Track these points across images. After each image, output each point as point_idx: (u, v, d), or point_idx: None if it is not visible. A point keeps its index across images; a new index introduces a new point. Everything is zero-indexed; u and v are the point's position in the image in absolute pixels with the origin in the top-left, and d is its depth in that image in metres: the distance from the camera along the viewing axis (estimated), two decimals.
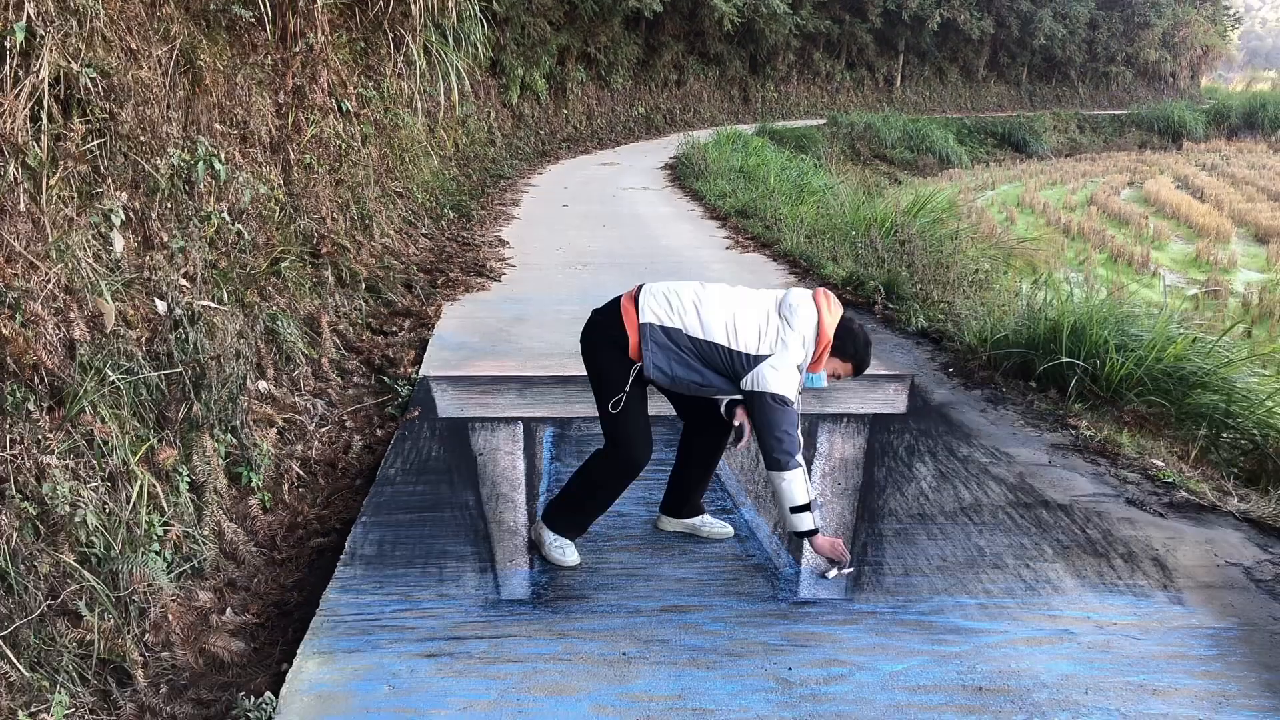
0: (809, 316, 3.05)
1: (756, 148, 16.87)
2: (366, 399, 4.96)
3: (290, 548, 3.54)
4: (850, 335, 3.10)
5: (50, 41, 3.38)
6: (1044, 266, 12.35)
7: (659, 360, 3.05)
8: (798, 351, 3.02)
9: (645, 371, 3.08)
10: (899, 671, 2.69)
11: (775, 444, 2.97)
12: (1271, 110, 39.55)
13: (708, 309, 3.06)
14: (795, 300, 3.09)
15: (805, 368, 3.07)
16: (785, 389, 2.98)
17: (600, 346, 3.17)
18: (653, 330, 3.05)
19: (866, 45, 34.10)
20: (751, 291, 3.19)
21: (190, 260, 4.18)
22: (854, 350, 3.11)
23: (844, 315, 3.12)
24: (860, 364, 3.17)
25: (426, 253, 8.30)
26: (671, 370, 3.07)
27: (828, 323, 3.05)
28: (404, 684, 2.60)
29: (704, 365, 3.05)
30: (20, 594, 2.55)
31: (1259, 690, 2.64)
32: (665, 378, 3.09)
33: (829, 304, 3.11)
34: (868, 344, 3.16)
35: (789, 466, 2.98)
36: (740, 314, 3.05)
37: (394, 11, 7.88)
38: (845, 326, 3.09)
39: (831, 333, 3.05)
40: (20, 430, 2.77)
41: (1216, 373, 5.02)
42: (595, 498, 3.28)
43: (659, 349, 3.05)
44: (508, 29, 17.34)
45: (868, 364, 3.20)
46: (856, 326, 3.14)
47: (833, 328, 3.06)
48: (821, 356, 3.07)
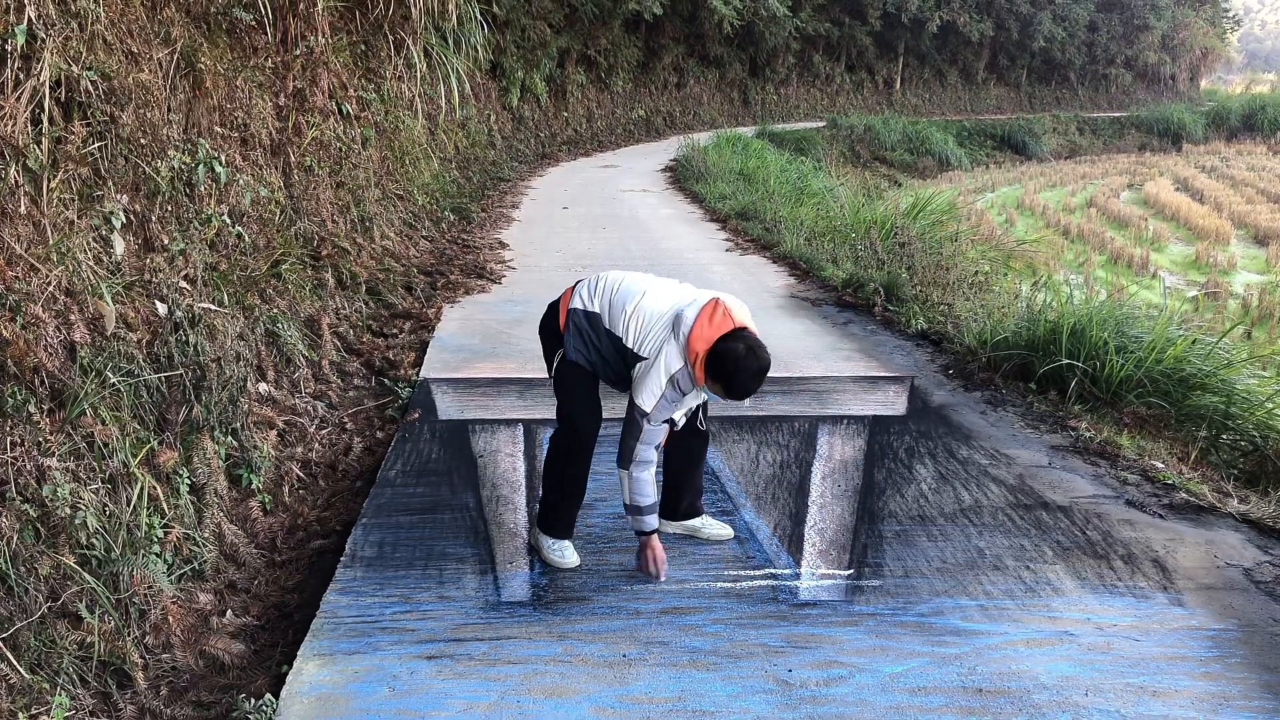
0: (687, 326, 2.90)
1: (756, 150, 16.88)
2: (367, 401, 4.96)
3: (290, 550, 3.54)
4: (721, 356, 2.84)
5: (51, 44, 3.39)
6: (1044, 268, 12.36)
7: (578, 345, 3.11)
8: (674, 361, 2.90)
9: (567, 354, 3.13)
10: (899, 673, 2.69)
11: (621, 445, 3.04)
12: (1271, 112, 39.60)
13: (620, 297, 3.06)
14: (687, 310, 2.94)
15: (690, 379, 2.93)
16: (647, 401, 2.93)
17: (543, 330, 3.30)
18: (575, 315, 3.12)
19: (866, 48, 34.14)
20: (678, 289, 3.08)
21: (191, 263, 4.19)
22: (720, 372, 2.85)
23: (731, 333, 2.86)
24: (730, 389, 2.87)
25: (427, 255, 8.30)
26: (589, 356, 3.10)
27: (697, 337, 2.87)
28: (404, 686, 2.60)
29: (615, 355, 3.05)
30: (20, 596, 2.55)
31: (1259, 691, 2.64)
32: (587, 363, 3.12)
33: (712, 318, 2.89)
34: (744, 371, 2.83)
35: (622, 466, 3.05)
36: (647, 311, 3.00)
37: (394, 14, 7.90)
38: (720, 347, 2.84)
39: (702, 348, 2.85)
40: (21, 432, 2.77)
41: (1216, 374, 5.02)
42: (563, 485, 3.24)
43: (578, 334, 3.11)
44: (508, 32, 17.36)
45: (741, 391, 2.88)
46: (732, 348, 2.83)
47: (703, 342, 2.85)
48: (698, 370, 2.89)
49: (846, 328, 6.49)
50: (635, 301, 3.04)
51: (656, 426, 3.00)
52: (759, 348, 2.88)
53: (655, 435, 3.02)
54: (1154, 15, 45.05)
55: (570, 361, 3.16)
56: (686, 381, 2.94)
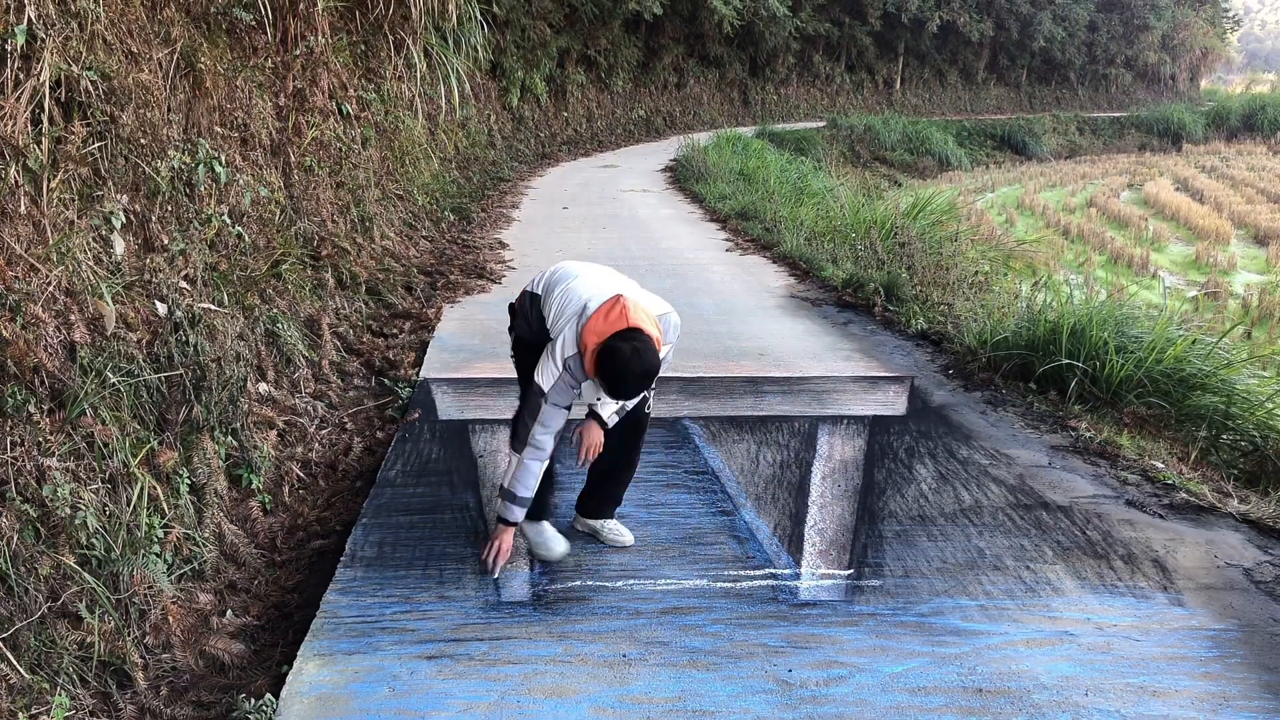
0: (585, 318, 2.89)
1: (756, 150, 16.88)
2: (367, 401, 4.96)
3: (290, 550, 3.54)
4: (608, 355, 2.78)
5: (51, 44, 3.39)
6: (1044, 268, 12.37)
7: (522, 324, 3.27)
8: (569, 347, 2.91)
9: (513, 330, 3.31)
10: (899, 673, 2.69)
11: (515, 424, 3.11)
12: (1271, 112, 39.60)
13: (556, 279, 3.14)
14: (591, 302, 2.93)
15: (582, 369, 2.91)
16: (545, 379, 2.97)
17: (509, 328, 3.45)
18: (523, 298, 3.28)
19: (866, 48, 34.14)
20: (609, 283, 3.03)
21: (191, 263, 4.19)
22: (606, 371, 2.79)
23: (623, 333, 2.78)
24: (612, 388, 2.83)
25: (427, 255, 8.30)
26: (530, 336, 3.22)
27: (590, 329, 2.84)
28: (404, 686, 2.60)
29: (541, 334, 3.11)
30: (20, 596, 2.55)
31: (1259, 692, 2.64)
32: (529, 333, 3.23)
33: (609, 314, 2.84)
34: (625, 372, 2.75)
35: (517, 451, 3.07)
36: (570, 294, 3.02)
37: (394, 14, 7.90)
38: (609, 346, 2.78)
39: (593, 341, 2.81)
40: (21, 432, 2.77)
41: (1216, 374, 5.02)
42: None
43: (522, 315, 3.27)
44: (508, 32, 17.36)
45: (622, 393, 2.84)
46: (616, 346, 2.76)
47: (595, 335, 2.81)
48: (588, 364, 2.86)
49: (846, 328, 6.49)
50: (565, 285, 3.10)
51: (556, 408, 2.98)
52: (647, 351, 2.78)
53: (553, 417, 2.99)
54: (1154, 15, 45.05)
55: (517, 338, 3.33)
56: (579, 370, 2.92)
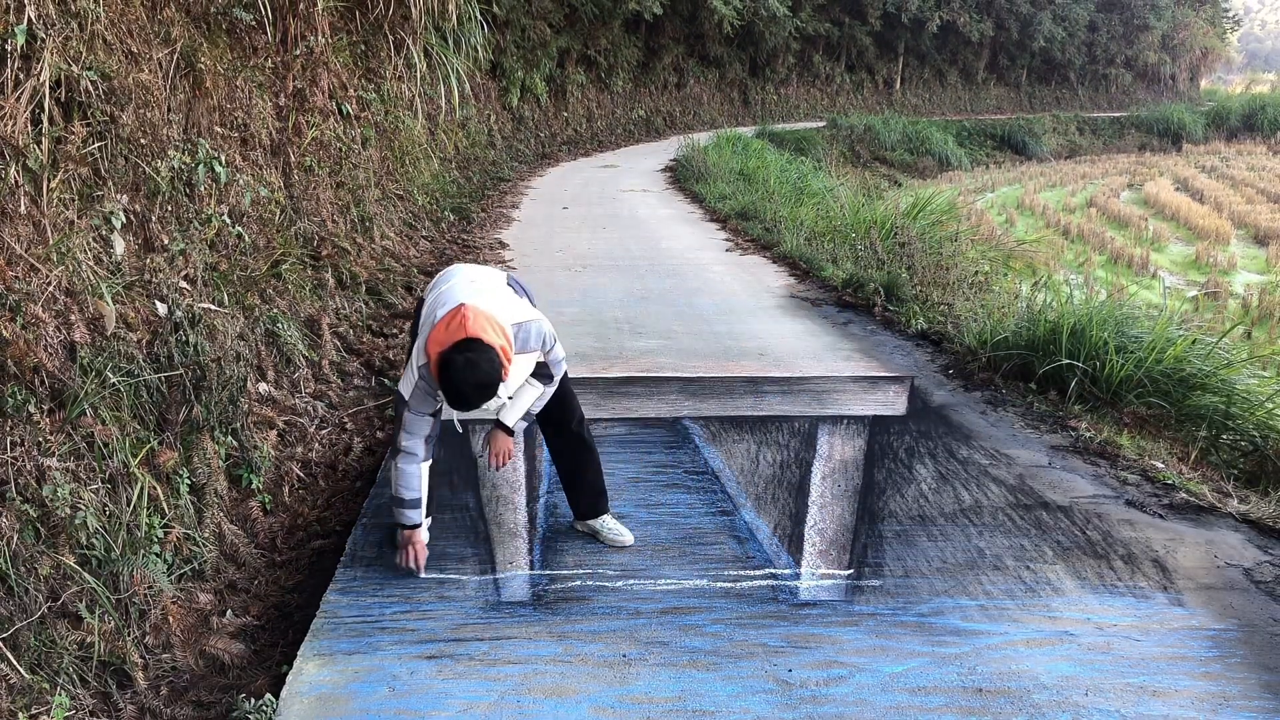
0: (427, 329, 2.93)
1: (756, 150, 16.88)
2: (367, 401, 4.96)
3: (290, 550, 3.54)
4: (442, 367, 2.78)
5: (51, 44, 3.39)
6: (1044, 268, 12.37)
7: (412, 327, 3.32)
8: (419, 356, 2.93)
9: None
10: (899, 673, 2.69)
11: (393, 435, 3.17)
12: (1271, 112, 39.59)
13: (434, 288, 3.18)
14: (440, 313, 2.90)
15: None
16: (405, 387, 3.03)
17: None
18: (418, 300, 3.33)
19: (866, 48, 34.13)
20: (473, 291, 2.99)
21: (191, 263, 4.19)
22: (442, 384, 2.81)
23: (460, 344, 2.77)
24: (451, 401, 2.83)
25: (427, 255, 8.30)
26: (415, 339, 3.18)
27: (433, 340, 2.84)
28: (404, 685, 2.60)
29: None
30: (21, 596, 2.56)
31: (1259, 691, 2.64)
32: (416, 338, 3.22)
33: (449, 325, 2.83)
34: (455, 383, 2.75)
35: (393, 459, 3.10)
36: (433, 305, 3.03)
37: (394, 14, 7.90)
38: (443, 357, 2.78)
39: (434, 352, 2.82)
40: (21, 432, 2.77)
41: (1216, 374, 5.02)
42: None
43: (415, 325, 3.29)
44: (508, 32, 17.36)
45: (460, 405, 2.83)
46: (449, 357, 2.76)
47: (436, 346, 2.82)
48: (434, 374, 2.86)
49: (846, 328, 6.49)
50: (436, 291, 3.14)
51: (418, 416, 3.02)
52: (481, 361, 2.75)
53: (417, 425, 3.03)
54: (1154, 15, 45.04)
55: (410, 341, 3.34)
56: (429, 379, 2.91)
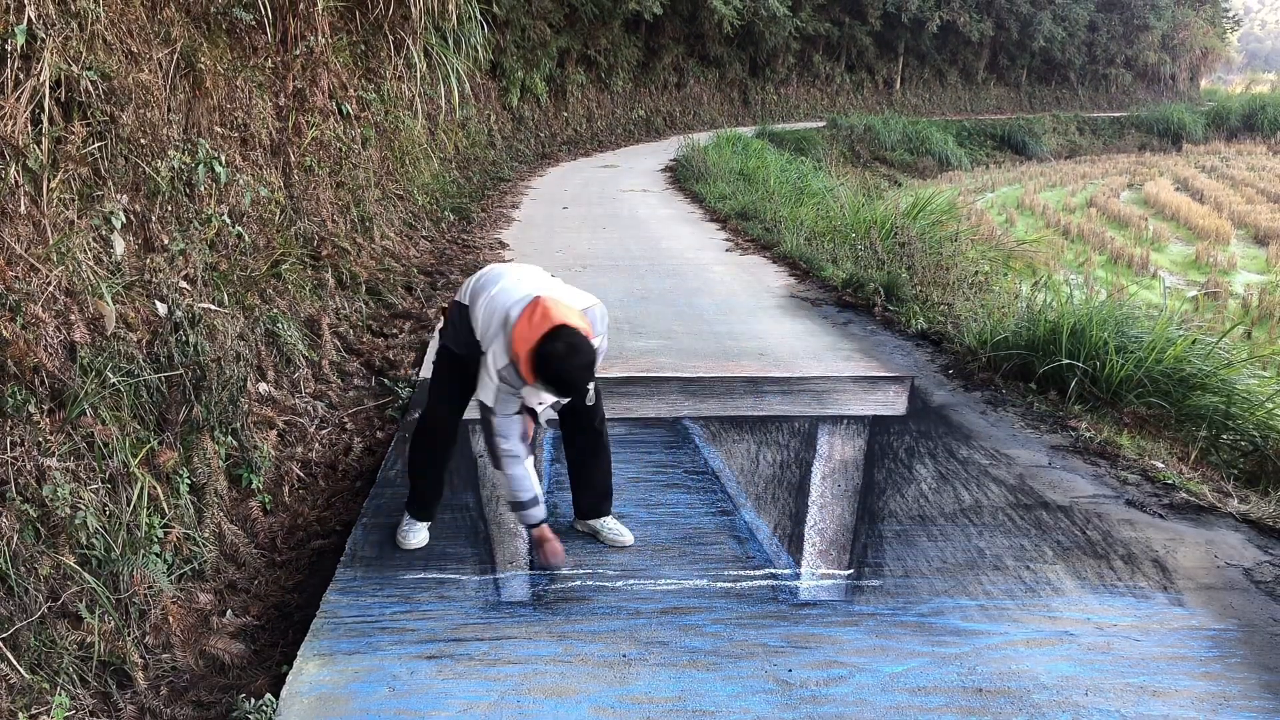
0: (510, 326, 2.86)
1: (756, 150, 16.88)
2: (367, 401, 4.96)
3: (290, 550, 3.54)
4: (541, 358, 2.76)
5: (51, 44, 3.39)
6: (1044, 268, 12.36)
7: (449, 335, 3.22)
8: (500, 358, 2.89)
9: (442, 339, 3.26)
10: (899, 673, 2.69)
11: (486, 446, 3.09)
12: (1271, 112, 39.59)
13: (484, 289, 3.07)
14: (513, 309, 2.88)
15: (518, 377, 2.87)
16: (486, 395, 2.96)
17: None
18: (453, 308, 3.22)
19: (866, 48, 34.13)
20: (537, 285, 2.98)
21: (191, 263, 4.19)
22: (544, 374, 2.79)
23: (552, 333, 2.75)
24: (553, 387, 2.83)
25: (427, 255, 8.31)
26: (456, 341, 3.18)
27: (519, 337, 2.80)
28: (404, 685, 2.60)
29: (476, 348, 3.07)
30: (21, 596, 2.55)
31: (1259, 691, 2.64)
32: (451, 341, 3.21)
33: (531, 319, 2.80)
34: (567, 372, 2.76)
35: (498, 468, 3.07)
36: (494, 304, 2.96)
37: (394, 14, 7.90)
38: (539, 349, 2.75)
39: (522, 348, 2.79)
40: (21, 432, 2.77)
41: (1216, 374, 5.02)
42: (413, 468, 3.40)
43: (452, 325, 3.20)
44: (508, 32, 17.35)
45: (571, 390, 2.86)
46: (551, 350, 2.74)
47: (525, 343, 2.77)
48: (525, 372, 2.82)
49: (846, 328, 6.49)
50: (487, 294, 3.03)
51: (507, 418, 2.97)
52: (581, 345, 2.77)
53: (510, 426, 2.98)
54: (1154, 15, 45.04)
55: (443, 347, 3.28)
56: (514, 379, 2.89)
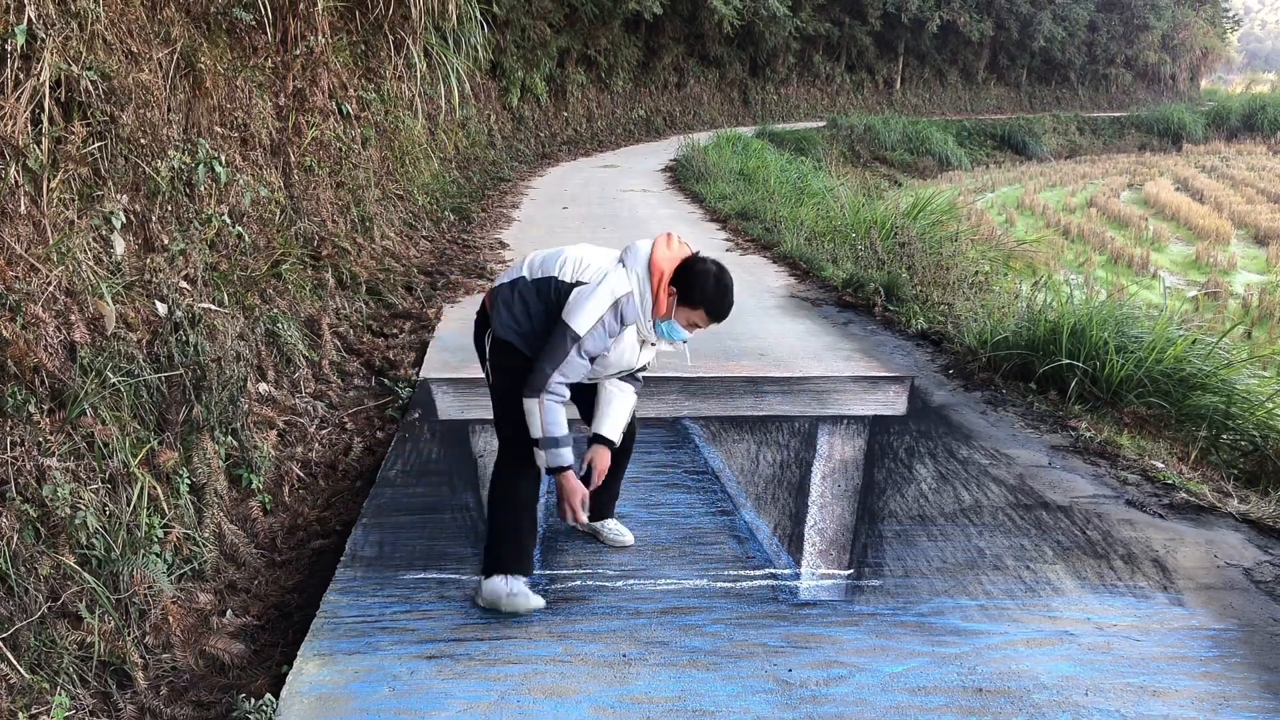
0: (642, 253, 2.82)
1: (756, 150, 16.89)
2: (367, 401, 4.96)
3: (290, 550, 3.54)
4: (694, 276, 2.77)
5: (51, 44, 3.39)
6: (1044, 268, 12.37)
7: (504, 318, 2.93)
8: (619, 284, 2.78)
9: (497, 333, 2.95)
10: (899, 673, 2.69)
11: (536, 369, 2.81)
12: (1271, 112, 39.61)
13: (550, 253, 2.96)
14: (636, 243, 2.89)
15: (647, 314, 2.82)
16: (583, 322, 2.75)
17: (475, 337, 3.14)
18: (500, 291, 2.99)
19: (866, 48, 34.14)
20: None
21: (191, 263, 4.19)
22: (701, 294, 2.78)
23: (693, 256, 2.83)
24: (712, 310, 2.82)
25: (427, 255, 8.30)
26: (518, 323, 2.91)
27: (660, 256, 2.78)
28: (404, 685, 2.60)
29: (542, 306, 2.88)
30: (21, 596, 2.55)
31: (1259, 691, 2.64)
32: (515, 332, 2.92)
33: (669, 242, 2.85)
34: (722, 287, 2.79)
35: (529, 396, 2.82)
36: (584, 252, 2.91)
37: (394, 14, 7.90)
38: (688, 266, 2.78)
39: (667, 268, 2.77)
40: (21, 432, 2.77)
41: (1216, 374, 5.02)
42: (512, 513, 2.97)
43: (504, 306, 2.94)
44: (508, 32, 17.36)
45: (724, 310, 2.84)
46: (704, 267, 2.79)
47: (668, 263, 2.78)
48: (661, 299, 2.78)
49: (846, 328, 6.50)
50: (569, 250, 2.94)
51: (580, 359, 2.79)
52: (723, 265, 2.83)
53: (575, 369, 2.81)
54: (1154, 15, 45.06)
55: (501, 343, 2.96)
56: (632, 310, 2.79)
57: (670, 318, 2.84)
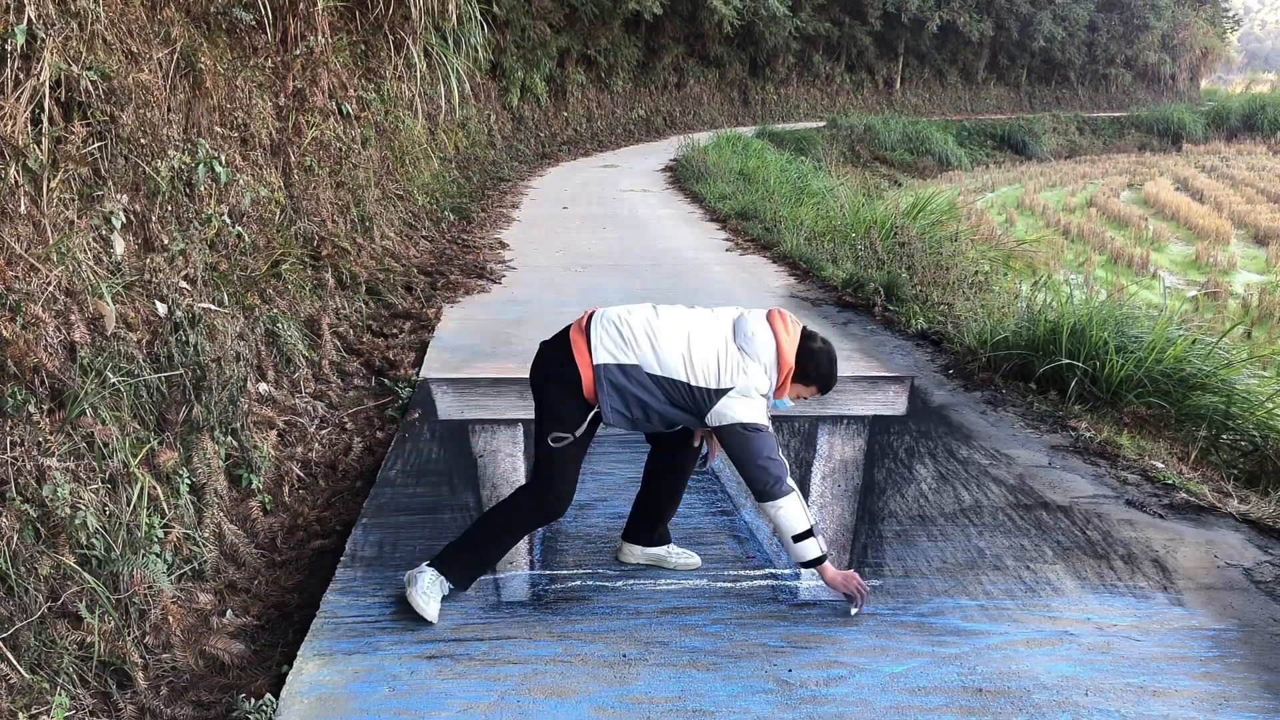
0: (767, 343, 2.86)
1: (756, 150, 16.89)
2: (367, 401, 4.96)
3: (290, 550, 3.54)
4: (812, 357, 2.91)
5: (51, 44, 3.39)
6: (1044, 268, 12.37)
7: (617, 404, 2.84)
8: (760, 380, 2.84)
9: (605, 418, 2.87)
10: (899, 673, 2.70)
11: (759, 473, 2.80)
12: (1271, 112, 39.60)
13: (664, 341, 2.83)
14: (751, 328, 2.87)
15: (771, 394, 2.91)
16: (753, 416, 2.81)
17: (551, 381, 2.92)
18: (609, 371, 2.82)
19: (866, 48, 34.15)
20: (706, 314, 2.97)
21: (191, 263, 4.19)
22: (817, 373, 2.94)
23: (805, 334, 2.95)
24: (825, 384, 2.99)
25: (427, 255, 8.30)
26: (631, 412, 2.86)
27: (787, 349, 2.87)
28: (404, 685, 2.60)
29: (666, 403, 2.85)
30: (21, 596, 2.56)
31: (1259, 691, 2.64)
32: (626, 420, 2.88)
33: (786, 326, 2.91)
34: (832, 362, 2.96)
35: (779, 494, 2.81)
36: (696, 344, 2.84)
37: (394, 14, 7.90)
38: (806, 349, 2.91)
39: (793, 359, 2.88)
40: (21, 432, 2.77)
41: (1216, 374, 5.03)
42: (500, 539, 3.00)
43: (616, 392, 2.83)
44: (508, 32, 17.36)
45: (834, 381, 3.00)
46: (818, 346, 2.94)
47: (793, 353, 2.88)
48: (785, 383, 2.91)
49: (846, 328, 6.50)
50: (686, 343, 2.84)
51: (770, 434, 2.87)
52: (828, 341, 3.01)
53: (774, 442, 2.89)
54: (1154, 15, 45.07)
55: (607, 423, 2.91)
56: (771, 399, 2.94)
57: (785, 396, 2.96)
